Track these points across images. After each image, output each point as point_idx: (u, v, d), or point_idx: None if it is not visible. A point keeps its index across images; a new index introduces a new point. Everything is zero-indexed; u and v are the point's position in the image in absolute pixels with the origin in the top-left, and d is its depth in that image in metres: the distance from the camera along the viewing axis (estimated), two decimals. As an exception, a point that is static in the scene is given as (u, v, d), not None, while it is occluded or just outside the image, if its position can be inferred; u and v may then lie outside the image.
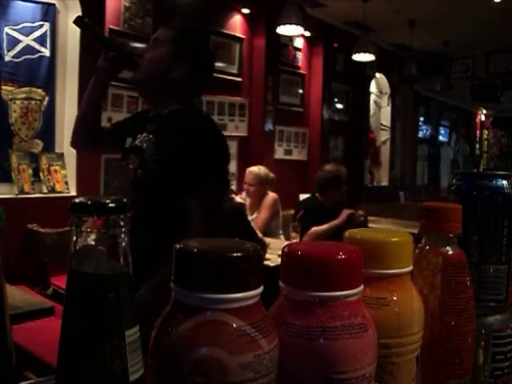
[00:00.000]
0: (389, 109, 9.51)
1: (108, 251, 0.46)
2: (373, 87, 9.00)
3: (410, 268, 0.62)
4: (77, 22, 1.93)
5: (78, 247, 0.46)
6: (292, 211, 4.56)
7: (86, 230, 0.45)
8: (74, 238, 0.45)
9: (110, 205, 0.45)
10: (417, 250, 0.73)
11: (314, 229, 4.06)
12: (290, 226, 4.14)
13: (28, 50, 4.41)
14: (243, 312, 0.44)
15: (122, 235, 0.46)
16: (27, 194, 4.33)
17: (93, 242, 0.45)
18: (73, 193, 4.58)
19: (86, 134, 2.12)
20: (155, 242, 1.79)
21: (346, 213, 4.17)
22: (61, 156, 4.57)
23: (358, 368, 0.50)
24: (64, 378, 0.46)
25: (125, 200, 0.45)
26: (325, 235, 3.99)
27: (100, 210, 0.44)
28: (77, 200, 0.45)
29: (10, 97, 4.34)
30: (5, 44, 4.27)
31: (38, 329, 2.74)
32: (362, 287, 0.51)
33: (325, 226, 4.09)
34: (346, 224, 4.04)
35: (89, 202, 0.44)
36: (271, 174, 4.80)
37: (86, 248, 0.46)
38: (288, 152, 7.00)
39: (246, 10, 6.18)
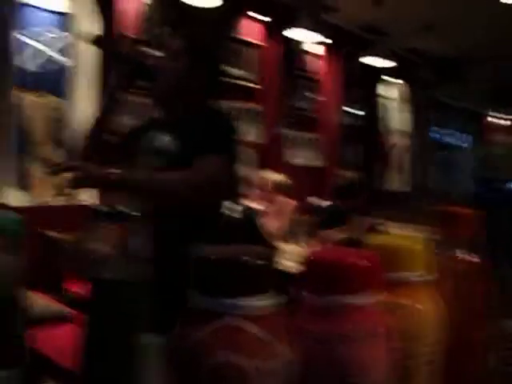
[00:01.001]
0: (404, 114, 9.47)
1: (127, 258, 0.47)
2: (387, 92, 8.97)
3: (429, 274, 0.62)
4: (94, 41, 1.95)
5: (98, 254, 0.46)
6: (307, 217, 4.55)
7: (106, 238, 0.45)
8: (93, 245, 0.46)
9: (130, 213, 0.45)
10: (435, 256, 0.73)
11: (329, 235, 4.05)
12: (305, 233, 4.14)
13: (48, 59, 4.45)
14: (261, 318, 0.44)
15: (142, 242, 0.46)
16: (45, 201, 4.36)
17: (113, 249, 0.46)
18: (91, 200, 4.59)
19: (94, 151, 2.06)
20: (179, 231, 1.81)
21: (362, 220, 4.17)
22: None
23: (376, 372, 0.50)
24: (86, 380, 0.47)
25: (144, 209, 0.46)
26: (341, 242, 3.99)
27: (118, 217, 0.45)
28: (96, 208, 0.46)
29: (31, 105, 4.38)
30: (25, 54, 4.31)
31: (55, 334, 2.75)
32: (381, 293, 0.52)
33: (341, 233, 4.09)
34: (363, 231, 4.03)
35: (108, 210, 0.45)
36: (287, 180, 4.79)
37: (106, 255, 0.46)
38: (303, 158, 6.99)
39: (261, 17, 6.20)
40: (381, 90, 8.63)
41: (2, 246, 0.40)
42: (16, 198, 4.26)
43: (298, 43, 6.45)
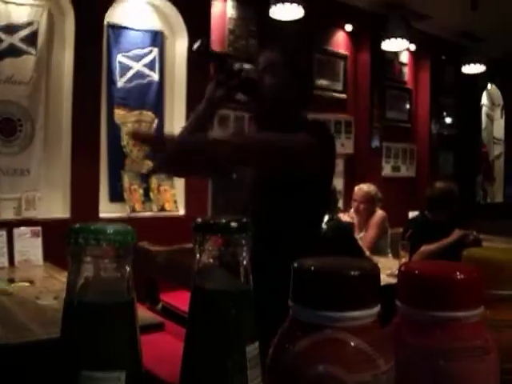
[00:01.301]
0: (502, 121, 9.09)
1: (230, 269, 0.48)
2: (484, 99, 8.65)
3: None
4: (200, 49, 1.92)
5: (201, 265, 0.48)
6: (401, 229, 4.45)
7: (208, 249, 0.47)
8: (198, 256, 0.47)
9: (232, 224, 0.46)
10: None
11: (424, 248, 3.94)
12: (398, 245, 4.05)
13: (138, 75, 4.64)
14: (361, 330, 0.44)
15: (244, 253, 0.47)
16: (138, 212, 4.52)
17: (215, 260, 0.47)
18: (182, 212, 4.72)
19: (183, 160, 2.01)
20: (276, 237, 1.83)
21: (458, 233, 4.03)
22: (170, 176, 4.73)
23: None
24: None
25: (245, 220, 0.47)
26: (435, 254, 3.87)
27: (222, 229, 0.46)
28: (200, 219, 0.47)
29: (122, 120, 4.57)
30: (117, 71, 4.51)
31: (149, 343, 2.80)
32: (482, 308, 0.50)
33: (435, 245, 3.97)
34: (458, 244, 3.91)
35: (211, 222, 0.46)
36: (379, 192, 4.72)
37: (208, 265, 0.47)
38: (396, 169, 6.86)
39: (349, 27, 6.17)
40: (479, 97, 8.34)
41: (118, 255, 0.42)
42: (109, 209, 4.44)
43: (388, 52, 6.35)
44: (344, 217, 4.29)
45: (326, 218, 2.92)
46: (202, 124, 2.05)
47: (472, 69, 6.46)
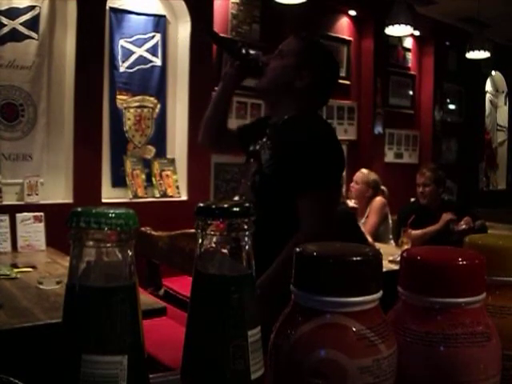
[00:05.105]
0: (506, 108, 9.05)
1: (231, 253, 0.48)
2: (488, 86, 8.61)
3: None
4: (207, 31, 2.03)
5: (203, 249, 0.48)
6: (400, 215, 4.47)
7: (210, 233, 0.47)
8: (200, 241, 0.47)
9: (235, 209, 0.46)
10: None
11: (411, 232, 3.96)
12: (400, 231, 4.06)
13: (141, 60, 4.61)
14: (363, 316, 0.44)
15: (246, 238, 0.47)
16: (140, 198, 4.52)
17: (217, 245, 0.47)
18: (184, 197, 4.72)
19: (213, 135, 2.24)
20: (265, 242, 1.82)
21: (444, 218, 4.06)
22: (172, 161, 4.73)
23: (480, 379, 0.48)
24: (189, 375, 0.48)
25: (248, 204, 0.47)
26: (421, 240, 3.91)
27: (225, 213, 0.46)
28: (202, 204, 0.47)
29: (125, 105, 4.55)
30: (120, 56, 4.48)
31: (151, 328, 2.83)
32: (484, 294, 0.50)
33: (420, 231, 4.01)
34: (445, 230, 3.97)
35: (214, 207, 0.46)
36: (379, 178, 4.72)
37: (210, 250, 0.47)
38: (398, 155, 6.84)
39: (352, 12, 6.12)
40: (483, 84, 8.30)
41: (120, 239, 0.42)
42: (112, 194, 4.44)
43: (392, 38, 6.31)
44: (348, 203, 4.29)
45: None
46: (223, 105, 2.22)
47: (476, 55, 6.42)
